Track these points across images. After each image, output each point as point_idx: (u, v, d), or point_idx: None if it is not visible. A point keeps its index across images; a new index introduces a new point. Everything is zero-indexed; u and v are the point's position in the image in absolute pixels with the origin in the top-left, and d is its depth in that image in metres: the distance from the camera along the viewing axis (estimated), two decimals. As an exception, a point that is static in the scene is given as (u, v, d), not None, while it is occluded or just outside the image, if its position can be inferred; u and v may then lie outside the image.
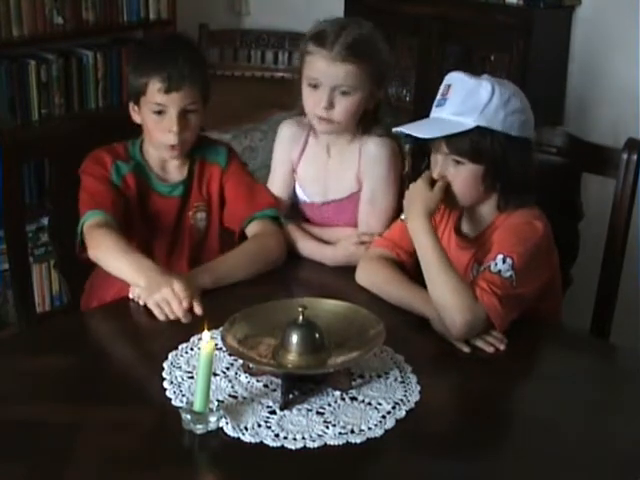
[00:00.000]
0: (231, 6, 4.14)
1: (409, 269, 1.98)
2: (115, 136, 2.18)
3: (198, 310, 1.82)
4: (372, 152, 2.16)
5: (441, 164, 1.88)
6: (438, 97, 1.90)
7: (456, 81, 1.87)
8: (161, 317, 1.82)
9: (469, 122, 1.82)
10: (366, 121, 2.17)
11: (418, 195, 1.87)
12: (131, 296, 1.89)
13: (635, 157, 2.07)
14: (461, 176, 1.86)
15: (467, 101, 1.83)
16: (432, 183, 1.88)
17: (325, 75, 2.08)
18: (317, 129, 2.19)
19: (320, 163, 2.24)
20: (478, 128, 1.82)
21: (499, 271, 1.77)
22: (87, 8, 3.51)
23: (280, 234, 2.11)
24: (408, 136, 1.94)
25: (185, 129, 2.06)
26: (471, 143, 1.82)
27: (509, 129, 1.83)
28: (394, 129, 2.00)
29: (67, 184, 2.15)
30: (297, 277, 2.13)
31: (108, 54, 3.65)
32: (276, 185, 2.29)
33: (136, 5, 3.68)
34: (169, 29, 3.77)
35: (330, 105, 2.09)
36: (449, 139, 1.83)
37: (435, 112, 1.89)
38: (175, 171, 2.15)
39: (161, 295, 1.81)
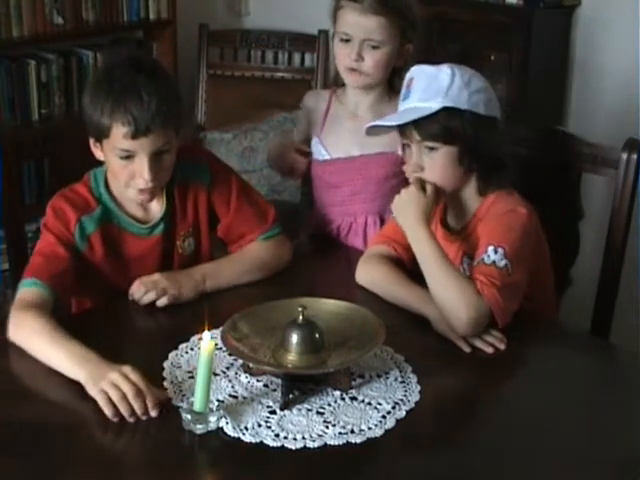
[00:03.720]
0: (231, 6, 4.14)
1: (406, 263, 1.99)
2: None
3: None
4: None
5: (416, 154, 1.89)
6: (403, 91, 1.93)
7: (417, 72, 1.90)
8: (107, 411, 1.50)
9: (436, 105, 1.84)
10: (396, 80, 2.21)
11: (413, 201, 1.87)
12: (130, 298, 1.89)
13: (635, 157, 2.07)
14: (437, 162, 1.87)
15: (430, 86, 1.86)
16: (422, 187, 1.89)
17: (356, 27, 2.14)
18: (348, 82, 2.24)
19: (345, 122, 2.28)
20: (445, 109, 1.84)
21: (493, 262, 1.78)
22: (87, 8, 3.51)
23: (288, 241, 2.08)
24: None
25: (158, 171, 1.82)
26: (441, 125, 1.84)
27: (475, 107, 1.85)
28: (366, 125, 2.01)
29: (67, 184, 2.15)
30: (297, 277, 2.13)
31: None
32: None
33: (136, 5, 3.68)
34: (169, 29, 3.78)
35: (359, 57, 2.15)
36: (420, 125, 1.85)
37: (402, 105, 1.92)
38: (153, 204, 1.93)
39: (108, 380, 1.52)
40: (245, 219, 2.02)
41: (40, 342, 1.66)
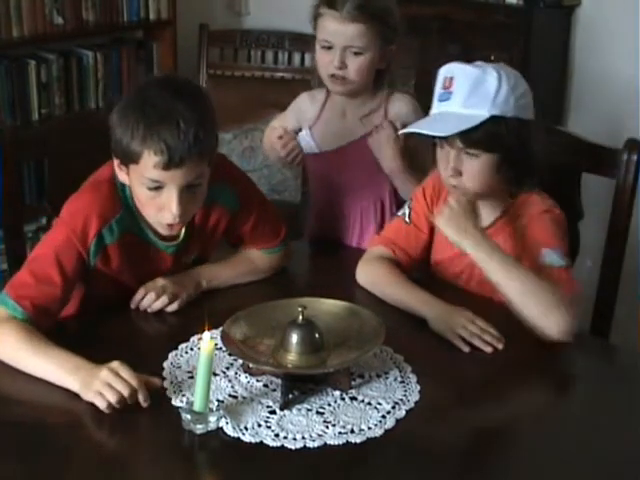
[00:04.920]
0: (231, 6, 4.14)
1: (404, 266, 1.98)
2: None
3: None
4: (401, 108, 2.20)
5: (454, 159, 1.82)
6: (440, 91, 1.83)
7: (458, 72, 1.81)
8: (103, 406, 1.50)
9: (483, 113, 1.77)
10: (380, 81, 2.21)
11: (465, 214, 1.81)
12: (133, 306, 1.87)
13: (635, 157, 2.07)
14: (477, 168, 1.82)
15: (476, 91, 1.78)
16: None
17: (336, 36, 2.12)
18: (332, 90, 2.21)
19: (335, 120, 2.26)
20: (492, 117, 1.77)
21: (553, 263, 1.80)
22: (87, 8, 3.52)
23: (290, 252, 2.07)
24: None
25: (188, 205, 1.71)
26: (486, 134, 1.77)
27: (520, 113, 1.80)
28: (401, 131, 2.00)
29: (66, 184, 2.15)
30: (297, 277, 2.13)
31: (108, 54, 3.65)
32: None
33: (136, 5, 3.68)
34: (169, 29, 3.78)
35: (342, 64, 2.12)
36: (464, 133, 1.78)
37: (441, 106, 1.83)
38: None
39: (100, 380, 1.51)
40: (258, 236, 2.00)
41: (25, 355, 1.61)
